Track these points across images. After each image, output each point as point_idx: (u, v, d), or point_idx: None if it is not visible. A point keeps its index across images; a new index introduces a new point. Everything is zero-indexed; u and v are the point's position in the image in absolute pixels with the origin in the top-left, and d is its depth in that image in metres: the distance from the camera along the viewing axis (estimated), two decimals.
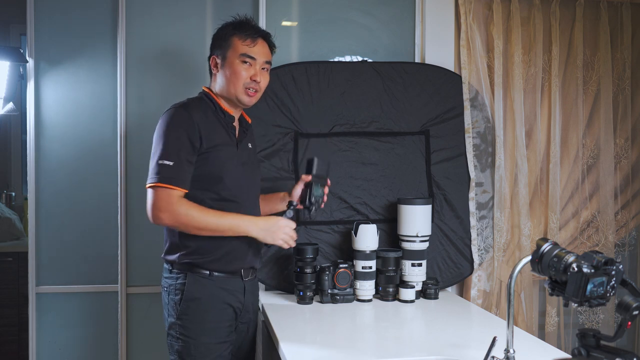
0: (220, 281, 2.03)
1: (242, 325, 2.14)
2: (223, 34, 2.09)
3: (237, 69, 2.04)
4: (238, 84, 2.04)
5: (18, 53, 2.93)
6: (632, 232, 3.10)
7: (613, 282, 1.29)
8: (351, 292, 2.48)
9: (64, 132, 2.67)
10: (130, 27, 2.68)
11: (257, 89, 2.08)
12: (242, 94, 2.05)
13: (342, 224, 2.64)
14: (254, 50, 2.06)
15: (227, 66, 2.05)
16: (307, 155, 2.59)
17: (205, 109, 2.05)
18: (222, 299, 2.03)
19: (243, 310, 2.11)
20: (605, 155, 2.96)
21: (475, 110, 2.84)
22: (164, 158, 1.91)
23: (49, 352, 2.70)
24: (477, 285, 2.81)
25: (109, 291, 2.71)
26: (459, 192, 2.75)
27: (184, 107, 2.00)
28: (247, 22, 2.11)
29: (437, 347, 1.89)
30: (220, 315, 2.03)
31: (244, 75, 2.04)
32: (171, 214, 1.90)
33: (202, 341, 1.99)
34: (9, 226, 4.07)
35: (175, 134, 1.94)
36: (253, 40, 2.06)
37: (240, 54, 2.04)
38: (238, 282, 2.08)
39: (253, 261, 2.13)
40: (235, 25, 2.09)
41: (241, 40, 2.05)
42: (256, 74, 2.06)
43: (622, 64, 2.99)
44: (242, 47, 2.04)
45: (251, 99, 2.08)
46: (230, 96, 2.07)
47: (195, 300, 1.99)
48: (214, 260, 2.01)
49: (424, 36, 2.83)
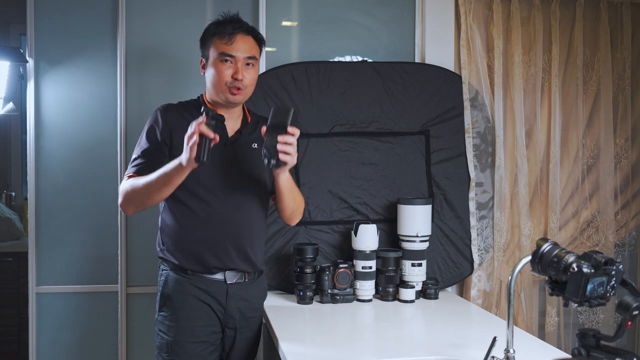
0: (196, 280, 2.01)
1: (229, 330, 2.07)
2: (206, 34, 2.07)
3: (218, 69, 2.01)
4: (221, 83, 2.01)
5: (18, 53, 2.93)
6: (632, 232, 3.10)
7: (613, 282, 1.29)
8: (351, 292, 2.48)
9: (64, 132, 2.67)
10: (130, 27, 2.68)
11: (241, 87, 2.01)
12: (226, 92, 2.02)
13: (342, 224, 2.64)
14: (232, 48, 2.01)
15: (209, 67, 2.04)
16: (307, 156, 2.60)
17: (191, 109, 2.07)
18: (197, 298, 2.00)
19: (226, 314, 2.04)
20: (605, 155, 2.96)
21: (475, 110, 2.84)
22: (134, 152, 2.04)
23: (49, 352, 2.70)
24: (477, 285, 2.81)
25: (109, 291, 2.71)
26: (459, 192, 2.75)
27: (163, 106, 2.09)
28: (229, 19, 2.06)
29: (437, 347, 1.89)
30: (194, 314, 2.00)
31: (226, 74, 2.00)
32: (122, 196, 1.98)
33: (176, 339, 2.00)
34: (9, 226, 4.07)
35: (144, 132, 2.06)
36: (230, 38, 2.01)
37: (219, 53, 2.01)
38: (219, 284, 2.02)
39: (237, 264, 2.04)
40: (217, 24, 2.06)
41: (220, 40, 2.02)
42: (237, 71, 2.00)
43: (622, 64, 2.99)
44: (221, 45, 2.01)
45: (237, 97, 2.02)
46: (217, 97, 2.04)
47: (169, 297, 2.02)
48: (186, 257, 2.00)
49: (424, 36, 2.84)
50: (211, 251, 1.99)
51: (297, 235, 2.60)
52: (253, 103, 2.53)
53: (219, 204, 2.02)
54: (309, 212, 2.61)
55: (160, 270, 2.08)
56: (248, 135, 2.10)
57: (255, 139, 2.10)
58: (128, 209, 2.00)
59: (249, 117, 2.14)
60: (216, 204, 2.01)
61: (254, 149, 2.09)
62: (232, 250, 2.02)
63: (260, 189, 2.11)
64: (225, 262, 2.02)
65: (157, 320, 2.06)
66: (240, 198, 2.05)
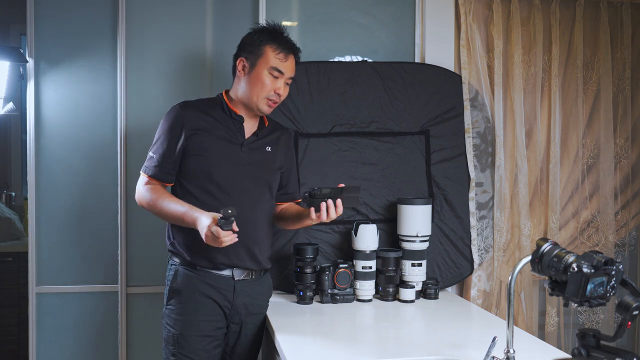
0: (205, 275, 2.06)
1: (234, 325, 2.13)
2: (255, 39, 2.10)
3: (264, 80, 2.07)
4: (262, 94, 2.08)
5: (18, 53, 2.93)
6: (632, 232, 3.10)
7: (613, 282, 1.29)
8: (351, 292, 2.48)
9: (64, 132, 2.67)
10: (130, 27, 2.68)
11: (277, 101, 2.12)
12: (263, 104, 2.10)
13: (342, 224, 2.64)
14: (285, 65, 2.09)
15: (254, 74, 2.08)
16: (307, 156, 2.60)
17: (210, 108, 2.12)
18: (204, 293, 2.06)
19: (232, 310, 2.10)
20: (605, 155, 2.96)
21: (475, 110, 2.84)
22: (151, 150, 2.10)
23: (49, 352, 2.70)
24: (477, 285, 2.81)
25: (109, 291, 2.71)
26: (459, 192, 2.75)
27: (180, 104, 2.12)
28: (282, 32, 2.13)
29: (437, 347, 1.89)
30: (201, 308, 2.06)
31: (269, 87, 2.08)
32: (137, 195, 2.10)
33: (182, 332, 2.05)
34: (9, 226, 4.07)
35: (161, 130, 2.10)
36: (286, 55, 2.10)
37: (271, 67, 2.07)
38: (227, 280, 2.09)
39: (245, 262, 2.10)
40: (271, 33, 2.11)
41: (275, 53, 2.08)
42: (280, 87, 2.10)
43: (622, 64, 2.98)
44: (274, 59, 2.07)
45: (269, 109, 2.13)
46: (251, 103, 2.10)
47: (178, 292, 2.07)
48: (196, 253, 2.05)
49: (424, 36, 2.83)
50: (221, 250, 2.00)
51: (297, 235, 2.59)
52: None
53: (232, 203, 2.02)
54: None
55: (170, 264, 2.13)
56: (264, 137, 2.18)
57: (269, 142, 2.19)
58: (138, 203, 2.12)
59: (266, 122, 2.22)
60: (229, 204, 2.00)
61: (268, 152, 2.18)
62: (242, 249, 2.07)
63: (270, 191, 2.20)
64: (234, 260, 2.08)
65: (164, 313, 2.11)
66: (252, 199, 2.13)
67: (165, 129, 2.08)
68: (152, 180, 2.08)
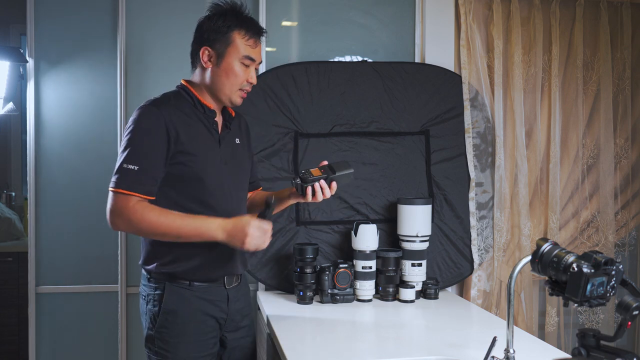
0: (200, 291, 1.89)
1: (230, 334, 2.00)
2: (220, 25, 1.88)
3: (236, 71, 1.88)
4: (235, 85, 1.89)
5: (18, 53, 2.93)
6: (632, 232, 3.10)
7: (613, 282, 1.29)
8: (351, 292, 2.48)
9: (64, 132, 2.68)
10: (130, 27, 2.68)
11: (249, 91, 1.95)
12: (237, 96, 1.92)
13: (342, 224, 2.64)
14: (255, 52, 1.91)
15: (224, 65, 1.88)
16: (307, 156, 2.60)
17: (182, 104, 1.88)
18: (203, 311, 1.89)
19: (228, 320, 1.97)
20: (605, 155, 2.96)
21: (475, 110, 2.84)
22: (128, 162, 1.78)
23: (49, 352, 2.70)
24: (477, 285, 2.81)
25: (109, 291, 2.71)
26: (459, 192, 2.75)
27: (156, 105, 1.84)
28: (248, 15, 1.93)
29: (437, 347, 1.89)
30: (201, 327, 1.89)
31: (242, 78, 1.89)
32: (126, 220, 1.78)
33: (181, 356, 1.86)
34: (9, 226, 4.07)
35: (142, 136, 1.80)
36: (256, 41, 1.91)
37: (243, 56, 1.88)
38: (221, 291, 1.93)
39: (238, 268, 1.97)
40: (237, 17, 1.89)
41: (244, 39, 1.88)
42: (253, 75, 1.92)
43: (622, 64, 2.98)
44: (245, 47, 1.88)
45: (241, 100, 1.95)
46: (222, 96, 1.91)
47: (174, 313, 1.86)
48: (193, 269, 1.87)
49: (424, 36, 2.84)
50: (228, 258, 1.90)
51: (297, 235, 2.60)
52: (253, 103, 2.54)
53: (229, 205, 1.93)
54: (309, 212, 2.61)
55: (151, 282, 1.90)
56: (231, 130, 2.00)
57: (236, 134, 2.02)
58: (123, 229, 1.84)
59: (232, 112, 2.01)
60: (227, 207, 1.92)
61: (238, 144, 2.01)
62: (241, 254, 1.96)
63: (247, 185, 2.09)
64: (235, 268, 1.96)
65: (153, 337, 1.88)
66: (237, 198, 2.00)
67: (145, 135, 1.79)
68: (140, 197, 1.78)
